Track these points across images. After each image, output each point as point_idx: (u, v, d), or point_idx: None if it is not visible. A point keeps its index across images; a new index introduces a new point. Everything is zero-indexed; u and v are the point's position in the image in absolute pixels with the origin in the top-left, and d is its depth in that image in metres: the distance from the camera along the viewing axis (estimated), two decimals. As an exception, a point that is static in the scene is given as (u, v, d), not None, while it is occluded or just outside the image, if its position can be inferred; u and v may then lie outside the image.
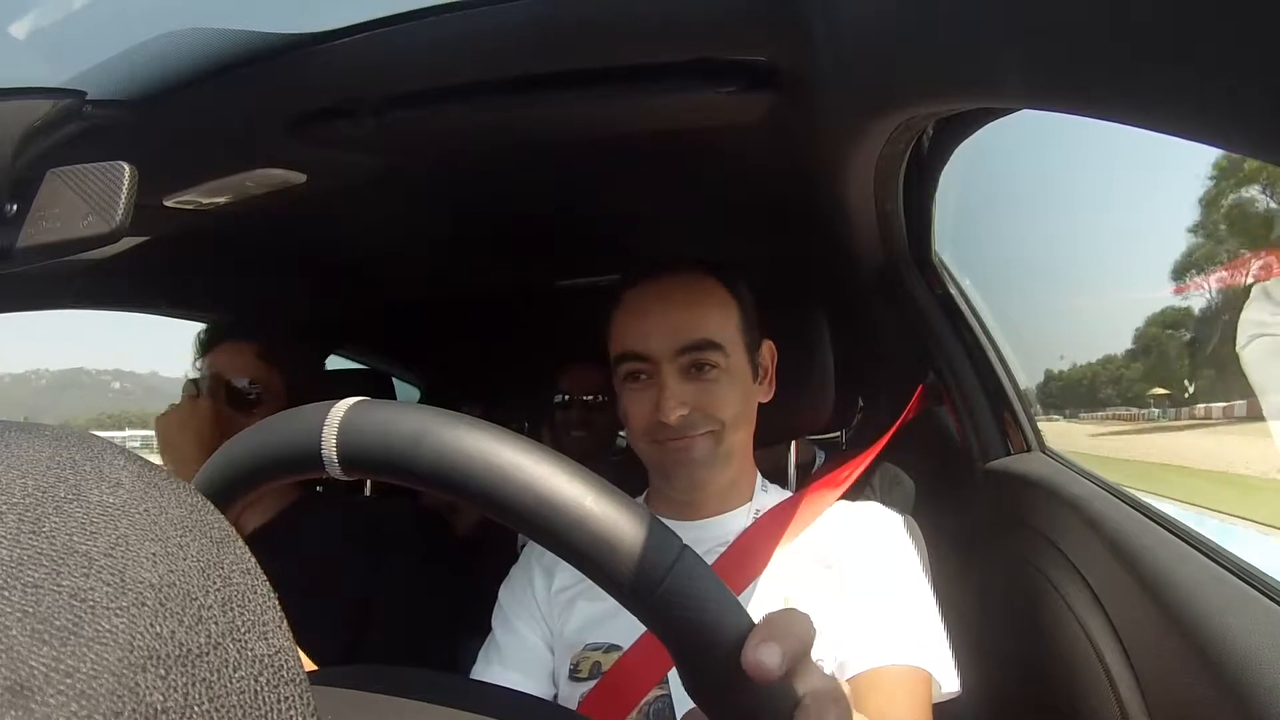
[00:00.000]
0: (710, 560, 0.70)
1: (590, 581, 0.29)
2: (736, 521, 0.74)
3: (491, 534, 1.38)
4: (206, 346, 1.00)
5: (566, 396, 1.44)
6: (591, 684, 0.68)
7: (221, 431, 0.93)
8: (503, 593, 0.79)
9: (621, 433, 1.72)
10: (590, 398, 1.43)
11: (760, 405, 0.77)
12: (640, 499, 0.81)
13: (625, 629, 0.68)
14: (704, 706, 0.29)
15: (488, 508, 0.29)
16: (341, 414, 0.30)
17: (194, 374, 1.00)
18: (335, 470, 0.30)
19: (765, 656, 0.26)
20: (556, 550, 0.29)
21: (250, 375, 0.96)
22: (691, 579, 0.28)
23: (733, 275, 0.76)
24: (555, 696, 0.72)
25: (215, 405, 0.95)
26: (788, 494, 0.80)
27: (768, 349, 0.78)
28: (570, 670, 0.70)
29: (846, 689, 0.32)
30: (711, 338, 0.70)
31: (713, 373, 0.71)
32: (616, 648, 0.69)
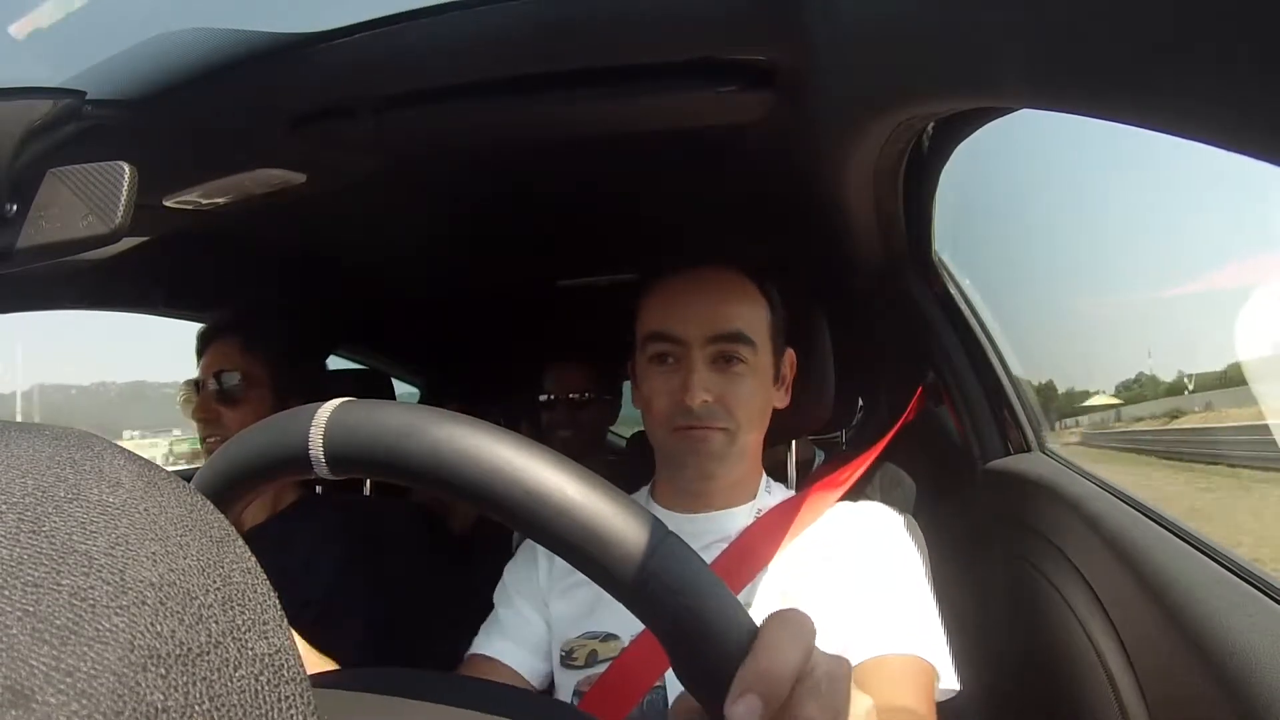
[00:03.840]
0: (711, 557, 0.71)
1: None
2: (739, 519, 0.75)
3: (488, 532, 1.38)
4: (202, 347, 1.02)
5: (551, 396, 1.41)
6: (587, 671, 0.69)
7: (215, 425, 0.97)
8: (507, 571, 0.80)
9: (613, 429, 1.72)
10: (575, 396, 1.39)
11: None
12: (645, 490, 0.82)
13: (624, 618, 0.68)
14: (695, 692, 0.29)
15: (474, 501, 0.29)
16: (328, 415, 0.31)
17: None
18: (323, 470, 0.30)
19: (743, 713, 0.26)
20: (542, 540, 0.29)
21: (235, 368, 0.98)
22: (676, 564, 0.28)
23: (767, 279, 0.77)
24: (551, 679, 0.73)
25: (204, 401, 0.98)
26: (790, 494, 0.80)
27: (789, 358, 0.79)
28: (564, 656, 0.71)
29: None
30: (744, 331, 0.72)
31: (740, 367, 0.71)
32: (614, 636, 0.69)
